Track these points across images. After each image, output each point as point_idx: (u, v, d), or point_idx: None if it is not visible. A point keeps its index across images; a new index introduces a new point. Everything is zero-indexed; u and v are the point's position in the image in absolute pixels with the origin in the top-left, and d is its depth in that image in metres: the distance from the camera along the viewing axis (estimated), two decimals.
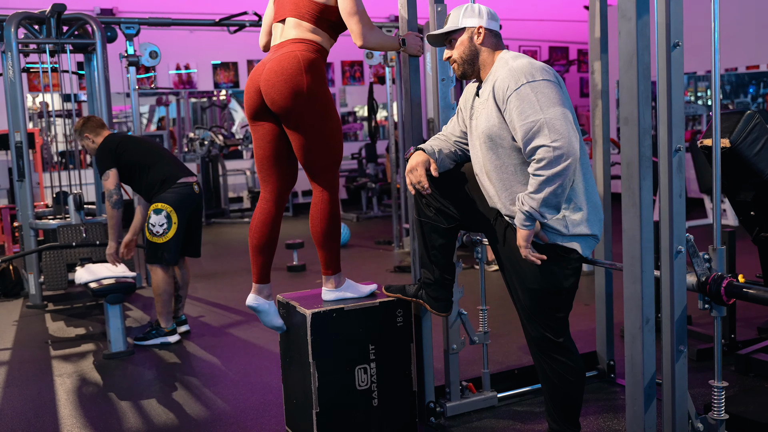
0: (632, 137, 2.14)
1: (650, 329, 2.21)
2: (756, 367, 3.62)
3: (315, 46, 2.91)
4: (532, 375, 3.54)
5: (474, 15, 2.65)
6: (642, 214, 2.15)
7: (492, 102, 2.53)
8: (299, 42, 2.89)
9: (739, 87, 12.05)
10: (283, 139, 2.98)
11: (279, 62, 2.84)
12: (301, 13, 2.90)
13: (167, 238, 4.56)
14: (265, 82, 2.86)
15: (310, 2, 2.89)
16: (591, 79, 3.59)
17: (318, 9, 2.89)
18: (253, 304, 3.07)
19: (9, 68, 5.72)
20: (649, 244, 2.18)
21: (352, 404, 3.00)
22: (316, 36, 2.91)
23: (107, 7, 10.63)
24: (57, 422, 3.51)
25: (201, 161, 10.56)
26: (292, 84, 2.81)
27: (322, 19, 2.90)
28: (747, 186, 3.42)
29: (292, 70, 2.81)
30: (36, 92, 10.16)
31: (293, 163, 3.06)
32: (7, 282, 6.25)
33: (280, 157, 3.01)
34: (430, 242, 2.89)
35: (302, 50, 2.85)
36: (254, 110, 2.96)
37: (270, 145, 2.99)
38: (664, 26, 2.14)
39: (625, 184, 2.19)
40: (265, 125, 2.97)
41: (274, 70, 2.84)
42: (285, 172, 3.04)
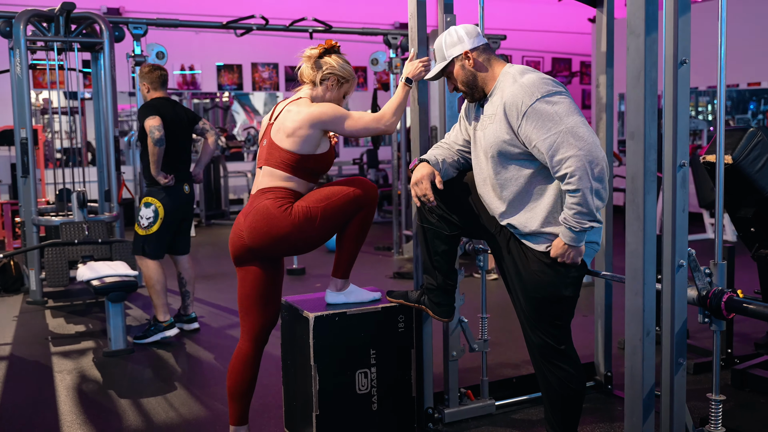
0: (638, 152, 2.18)
1: (651, 341, 2.24)
2: (752, 382, 3.65)
3: (286, 192, 2.88)
4: (530, 384, 3.57)
5: (455, 43, 2.68)
6: (645, 227, 2.19)
7: (502, 117, 2.55)
8: (269, 191, 2.88)
9: (740, 103, 12.12)
10: (269, 279, 2.95)
11: (254, 220, 2.84)
12: (275, 162, 2.89)
13: (150, 231, 4.70)
14: (251, 240, 2.85)
15: (285, 152, 2.87)
16: (596, 92, 3.62)
17: (293, 159, 2.87)
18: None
19: (17, 65, 5.76)
20: (651, 257, 2.21)
21: (352, 408, 3.03)
22: (289, 183, 2.89)
23: (114, 6, 10.67)
24: (57, 418, 3.53)
25: None
26: (276, 235, 2.82)
27: (297, 168, 2.89)
28: (748, 202, 3.45)
29: (269, 225, 2.81)
30: (39, 89, 10.18)
31: (275, 302, 3.02)
32: (7, 277, 6.27)
33: (261, 298, 2.96)
34: (432, 248, 2.92)
35: (271, 201, 2.85)
36: (239, 256, 2.93)
37: (252, 285, 2.94)
38: (672, 43, 2.18)
39: (629, 198, 2.23)
40: (250, 269, 2.93)
41: (254, 228, 2.84)
42: (265, 313, 2.98)
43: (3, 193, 9.55)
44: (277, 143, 2.88)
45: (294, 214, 2.83)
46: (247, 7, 8.95)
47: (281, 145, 2.87)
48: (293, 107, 2.91)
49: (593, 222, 2.40)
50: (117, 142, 6.11)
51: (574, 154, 2.35)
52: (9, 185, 9.53)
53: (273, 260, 2.96)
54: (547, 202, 2.55)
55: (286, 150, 2.87)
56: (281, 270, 3.04)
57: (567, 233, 2.45)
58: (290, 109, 2.91)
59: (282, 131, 2.88)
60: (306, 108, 2.88)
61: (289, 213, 2.82)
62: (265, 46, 10.81)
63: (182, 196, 4.79)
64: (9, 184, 9.54)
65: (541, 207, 2.57)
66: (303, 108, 2.88)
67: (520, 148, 2.53)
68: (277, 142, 2.88)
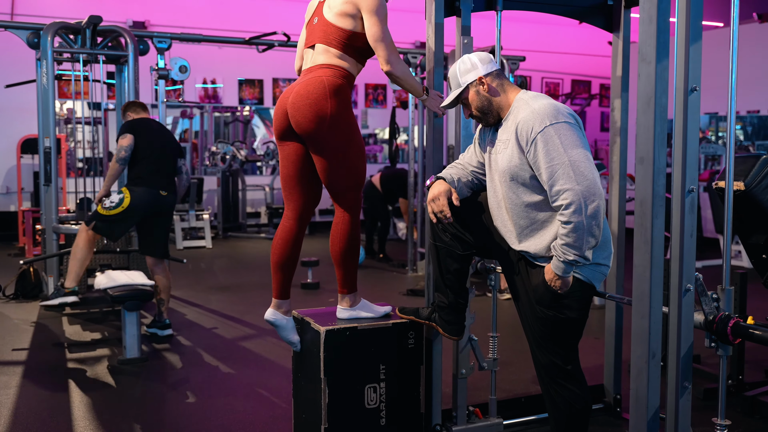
0: (647, 176, 2.21)
1: (656, 364, 2.27)
2: (761, 409, 3.65)
3: (341, 71, 3.01)
4: (538, 404, 3.58)
5: (469, 69, 2.74)
6: (653, 251, 2.22)
7: (514, 142, 2.60)
8: (326, 67, 2.99)
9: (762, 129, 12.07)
10: (308, 160, 3.07)
11: (306, 86, 2.95)
12: (329, 39, 3.01)
13: (108, 212, 4.91)
14: (292, 105, 2.96)
15: (337, 29, 2.99)
16: (611, 116, 3.66)
17: (345, 36, 2.99)
18: (272, 319, 3.16)
19: (43, 75, 5.88)
20: (658, 280, 2.24)
21: (360, 422, 3.06)
22: (343, 62, 3.02)
23: (139, 19, 10.84)
24: (70, 423, 3.59)
25: (222, 175, 10.69)
26: (317, 108, 2.91)
27: (349, 46, 3.00)
28: (760, 229, 3.45)
29: (317, 95, 2.92)
30: (64, 99, 10.36)
31: (317, 183, 3.15)
32: (27, 284, 6.37)
33: (303, 177, 3.10)
34: (444, 267, 2.96)
35: (329, 75, 2.96)
36: (281, 131, 3.07)
37: (294, 165, 3.08)
38: (683, 71, 2.22)
39: (638, 222, 2.26)
40: (291, 145, 3.07)
41: (301, 94, 2.95)
42: (308, 191, 3.13)
43: (25, 200, 9.69)
44: (329, 20, 3.00)
45: (341, 98, 2.94)
46: (269, 23, 9.07)
47: (333, 21, 2.99)
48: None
49: (579, 256, 2.46)
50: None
51: (571, 188, 2.42)
52: (31, 193, 9.67)
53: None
54: (556, 228, 2.59)
55: (338, 27, 2.99)
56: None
57: (555, 261, 2.52)
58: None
59: (333, 8, 3.00)
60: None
61: (338, 94, 2.93)
62: (287, 62, 10.93)
63: (156, 196, 5.00)
64: (31, 192, 9.68)
65: (550, 232, 2.61)
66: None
67: (530, 172, 2.58)
68: (329, 18, 3.00)
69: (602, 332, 3.88)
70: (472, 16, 3.29)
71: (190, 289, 6.86)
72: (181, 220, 9.68)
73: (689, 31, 2.19)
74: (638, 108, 2.24)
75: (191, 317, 5.81)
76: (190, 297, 6.54)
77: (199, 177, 10.58)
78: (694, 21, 2.20)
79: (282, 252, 3.12)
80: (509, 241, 2.74)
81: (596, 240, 2.48)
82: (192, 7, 11.19)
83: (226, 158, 10.62)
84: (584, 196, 2.41)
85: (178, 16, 10.85)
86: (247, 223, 11.17)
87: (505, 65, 7.19)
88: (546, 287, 2.61)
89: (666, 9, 2.18)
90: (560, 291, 2.57)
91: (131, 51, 6.12)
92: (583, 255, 2.47)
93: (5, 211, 10.12)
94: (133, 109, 5.30)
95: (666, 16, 2.19)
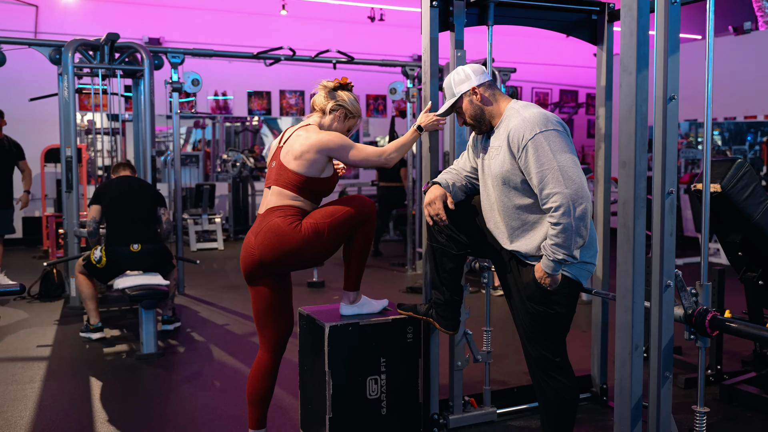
0: (629, 180, 2.22)
1: (639, 355, 2.27)
2: (739, 398, 3.64)
3: (294, 210, 2.93)
4: (530, 394, 3.58)
5: (463, 80, 2.74)
6: (635, 249, 2.22)
7: (506, 148, 2.61)
8: (278, 209, 2.92)
9: (738, 135, 12.07)
10: (279, 294, 2.99)
11: (265, 235, 2.88)
12: (283, 182, 2.94)
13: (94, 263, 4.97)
14: (262, 255, 2.88)
15: (292, 173, 2.92)
16: (596, 123, 3.66)
17: (299, 179, 2.92)
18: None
19: (64, 89, 5.89)
20: (640, 277, 2.24)
21: (363, 412, 3.06)
22: (296, 202, 2.94)
23: (155, 36, 10.86)
24: (91, 414, 3.60)
25: (232, 181, 10.70)
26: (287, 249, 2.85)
27: (303, 189, 2.93)
28: (736, 228, 3.46)
29: (281, 239, 2.85)
30: (85, 111, 10.37)
31: (288, 315, 3.05)
32: (50, 284, 6.37)
33: (275, 311, 3.00)
34: (441, 266, 2.97)
35: (281, 218, 2.89)
36: (250, 274, 2.97)
37: (265, 301, 2.98)
38: (662, 81, 2.22)
39: (620, 222, 2.26)
40: (261, 287, 2.97)
41: (265, 245, 2.87)
42: (280, 324, 3.02)
43: (49, 206, 9.70)
44: (286, 165, 2.93)
45: (304, 230, 2.87)
46: (276, 39, 9.08)
47: (289, 166, 2.92)
48: (302, 132, 2.97)
49: (567, 255, 2.46)
50: (154, 161, 6.22)
51: (560, 191, 2.43)
52: (54, 199, 9.68)
53: (281, 276, 3.01)
54: (545, 229, 2.59)
55: (293, 171, 2.92)
56: (289, 285, 3.08)
57: (545, 260, 2.53)
58: (300, 134, 2.97)
59: (290, 154, 2.93)
60: (314, 134, 2.93)
61: (299, 229, 2.87)
62: (292, 75, 10.96)
63: (128, 253, 4.95)
64: (54, 198, 9.69)
65: (539, 233, 2.61)
66: (312, 134, 2.94)
67: (521, 177, 2.59)
68: (286, 164, 2.94)
69: (590, 326, 3.88)
70: (465, 30, 3.30)
71: (204, 288, 6.87)
72: (194, 224, 9.68)
73: (667, 43, 2.20)
74: (620, 116, 2.24)
75: (204, 315, 5.81)
76: (203, 296, 6.55)
77: (212, 183, 10.58)
78: (672, 34, 2.20)
79: (257, 386, 3.01)
80: (501, 241, 2.75)
81: (584, 240, 2.48)
82: (204, 24, 11.20)
83: (237, 165, 10.62)
84: (572, 199, 2.42)
85: (190, 32, 10.86)
86: None
87: (497, 76, 7.19)
88: (536, 284, 2.61)
89: (645, 23, 2.19)
90: (550, 288, 2.58)
91: (146, 66, 6.12)
92: (571, 254, 2.47)
93: (30, 217, 10.12)
94: (115, 170, 5.40)
95: (645, 29, 2.19)
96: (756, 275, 3.64)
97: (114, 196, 5.11)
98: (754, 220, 3.36)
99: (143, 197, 5.17)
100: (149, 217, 5.14)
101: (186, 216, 9.64)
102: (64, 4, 10.56)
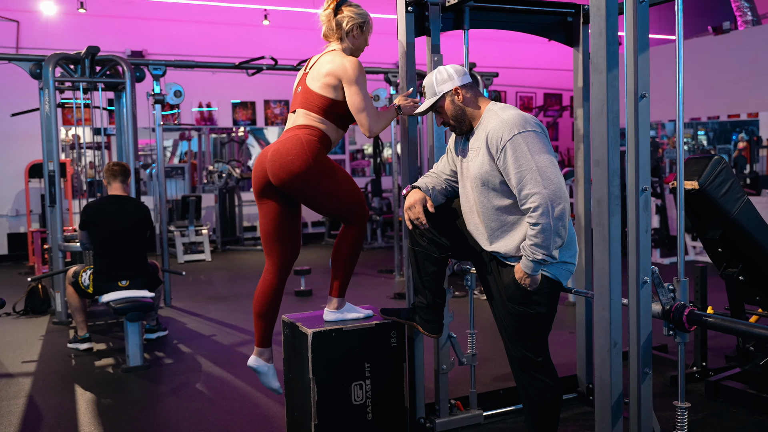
0: (602, 178, 2.24)
1: (618, 352, 2.28)
2: (724, 393, 3.67)
3: (318, 131, 2.99)
4: (516, 396, 3.57)
5: (446, 80, 2.75)
6: (611, 246, 2.24)
7: (485, 150, 2.63)
8: (304, 127, 2.98)
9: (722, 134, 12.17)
10: (287, 215, 3.05)
11: (283, 144, 2.94)
12: (310, 105, 3.00)
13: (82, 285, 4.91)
14: (271, 162, 2.94)
15: (319, 96, 2.98)
16: (574, 124, 3.69)
17: (326, 103, 2.98)
18: (254, 366, 3.16)
19: (46, 103, 5.87)
20: (617, 274, 2.26)
21: (348, 418, 3.06)
22: (321, 125, 3.00)
23: (137, 49, 10.85)
24: (77, 428, 3.57)
25: (219, 192, 10.68)
26: (297, 164, 2.89)
27: (329, 112, 3.00)
28: (714, 225, 3.49)
29: (296, 150, 2.90)
30: (69, 125, 10.34)
31: (295, 238, 3.11)
32: (36, 300, 6.34)
33: (282, 233, 3.07)
34: (423, 269, 2.98)
35: (305, 134, 2.95)
36: (260, 188, 3.04)
37: (273, 221, 3.05)
38: (633, 79, 2.25)
39: (595, 220, 2.28)
40: (270, 203, 3.04)
41: (279, 151, 2.93)
42: (287, 246, 3.09)
43: (34, 222, 9.65)
44: (312, 89, 3.00)
45: (317, 153, 2.92)
46: (259, 49, 9.08)
47: (315, 90, 2.99)
48: (328, 56, 3.02)
49: (546, 255, 2.48)
50: (138, 173, 6.21)
51: (539, 192, 2.45)
52: (39, 215, 9.64)
53: (290, 199, 3.04)
54: (524, 230, 2.61)
55: (319, 95, 2.98)
56: (298, 210, 3.13)
57: (524, 260, 2.55)
58: (325, 59, 3.02)
59: (316, 79, 3.00)
60: (339, 58, 2.98)
61: (314, 149, 2.91)
62: (276, 84, 10.96)
63: (115, 288, 4.84)
64: (39, 214, 9.65)
65: (519, 234, 2.63)
66: (337, 58, 2.99)
67: (500, 178, 2.61)
68: (312, 87, 3.00)
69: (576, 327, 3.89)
70: (447, 34, 3.32)
71: (191, 300, 6.84)
72: (181, 236, 9.65)
73: (637, 42, 2.22)
74: (592, 114, 2.26)
75: (191, 326, 5.79)
76: (191, 307, 6.52)
77: (198, 195, 10.56)
78: (641, 33, 2.22)
79: (263, 303, 3.10)
80: (481, 242, 2.76)
81: (562, 240, 2.50)
82: (186, 36, 11.20)
83: (223, 176, 10.61)
84: (551, 199, 2.44)
85: (173, 45, 10.86)
86: (244, 237, 11.15)
87: (479, 81, 7.22)
88: (516, 285, 2.62)
89: (614, 22, 2.21)
90: (530, 288, 2.59)
91: (128, 78, 6.12)
92: (550, 254, 2.49)
93: (16, 233, 10.07)
94: (107, 176, 5.02)
95: (614, 29, 2.22)
96: (736, 271, 3.67)
97: (103, 225, 4.86)
98: (732, 216, 3.39)
99: (134, 225, 4.93)
100: (139, 246, 4.97)
101: (173, 228, 9.61)
102: (45, 19, 10.53)
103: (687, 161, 3.54)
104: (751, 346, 3.69)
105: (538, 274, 2.57)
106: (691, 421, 3.41)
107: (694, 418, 3.47)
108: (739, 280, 3.68)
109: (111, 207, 4.95)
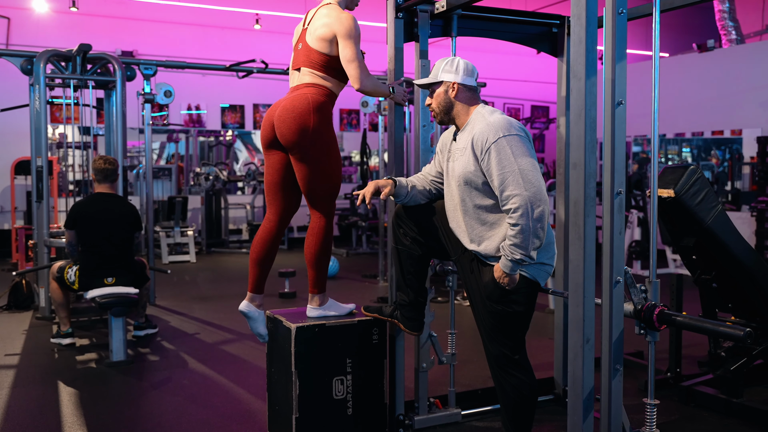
0: (579, 180, 2.33)
1: (590, 348, 2.37)
2: (696, 398, 3.77)
3: (325, 90, 3.13)
4: (494, 396, 3.66)
5: (452, 71, 2.83)
6: (585, 246, 2.33)
7: (470, 151, 2.72)
8: (311, 86, 3.13)
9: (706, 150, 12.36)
10: (290, 169, 3.19)
11: (291, 101, 3.08)
12: (312, 63, 3.13)
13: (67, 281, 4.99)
14: (278, 118, 3.08)
15: (318, 54, 3.11)
16: (557, 132, 3.80)
17: (325, 60, 3.11)
18: (245, 310, 3.26)
19: (36, 100, 5.92)
20: (591, 272, 2.35)
21: (329, 412, 3.13)
22: (326, 82, 3.14)
23: (128, 49, 10.91)
24: (59, 420, 3.62)
25: (205, 194, 10.72)
26: (301, 121, 3.04)
27: (330, 68, 3.13)
28: (689, 232, 3.60)
29: (301, 109, 3.05)
30: (56, 123, 10.36)
31: (297, 191, 3.26)
32: (19, 295, 6.35)
33: (285, 185, 3.22)
34: (405, 268, 3.06)
35: (313, 93, 3.10)
36: (267, 141, 3.19)
37: (278, 173, 3.20)
38: (610, 86, 2.35)
39: (572, 221, 2.37)
40: (276, 155, 3.19)
41: (287, 108, 3.07)
42: (289, 198, 3.25)
43: (18, 219, 9.65)
44: (312, 46, 3.11)
45: (323, 116, 3.07)
46: (250, 53, 9.17)
47: (315, 47, 3.10)
48: (324, 10, 3.14)
49: (525, 256, 2.58)
50: (126, 174, 6.25)
51: (520, 193, 2.55)
52: (24, 212, 9.64)
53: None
54: (505, 230, 2.70)
55: (319, 52, 3.10)
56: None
57: (503, 260, 2.64)
58: (321, 12, 3.14)
59: (314, 35, 3.11)
60: (336, 12, 3.10)
61: (320, 110, 3.06)
62: (266, 88, 11.04)
63: (102, 286, 4.85)
64: (24, 211, 9.65)
65: (499, 234, 2.72)
66: (333, 12, 3.11)
67: (483, 179, 2.70)
68: (312, 44, 3.11)
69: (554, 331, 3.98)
70: (437, 44, 3.42)
71: (175, 299, 6.89)
72: (166, 236, 9.68)
73: (615, 51, 2.32)
74: (571, 119, 2.36)
75: (175, 324, 5.84)
76: (175, 306, 6.57)
77: (184, 196, 10.60)
78: (619, 43, 2.32)
79: (261, 249, 3.24)
80: (463, 241, 2.85)
81: (540, 241, 2.60)
82: (177, 38, 11.28)
83: (210, 179, 10.65)
84: (531, 201, 2.54)
85: (164, 46, 10.93)
86: (229, 239, 11.18)
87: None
88: (495, 284, 2.71)
89: (593, 31, 2.32)
90: (508, 287, 2.68)
91: (119, 77, 6.17)
92: (528, 254, 2.58)
93: None
94: (95, 172, 5.02)
95: (593, 37, 2.32)
96: (709, 278, 3.78)
97: (90, 224, 4.89)
98: (707, 224, 3.50)
99: (121, 225, 4.95)
100: (126, 246, 4.99)
101: (158, 228, 9.64)
102: (36, 17, 10.57)
103: (664, 170, 3.65)
104: (723, 351, 3.80)
105: (516, 273, 2.66)
106: (663, 423, 3.51)
107: (666, 421, 3.57)
108: (712, 287, 3.80)
109: (98, 205, 5.00)
